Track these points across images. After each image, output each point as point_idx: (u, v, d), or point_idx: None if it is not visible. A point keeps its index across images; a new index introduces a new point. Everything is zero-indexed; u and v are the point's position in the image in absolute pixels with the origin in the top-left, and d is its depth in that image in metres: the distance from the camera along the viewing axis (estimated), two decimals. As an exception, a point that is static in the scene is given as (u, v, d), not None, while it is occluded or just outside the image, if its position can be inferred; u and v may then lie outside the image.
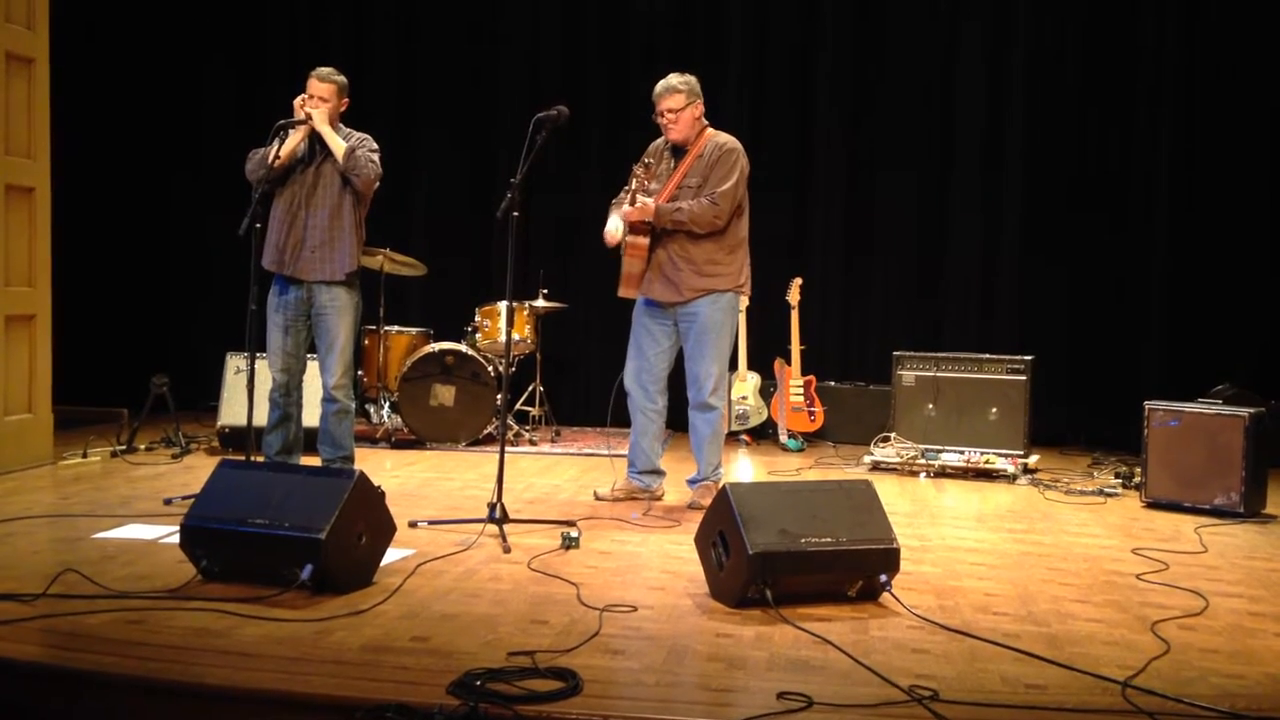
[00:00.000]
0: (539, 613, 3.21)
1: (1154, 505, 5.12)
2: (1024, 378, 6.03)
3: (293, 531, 3.27)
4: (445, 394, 6.39)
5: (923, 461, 5.96)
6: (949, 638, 3.08)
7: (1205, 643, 3.10)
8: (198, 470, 5.31)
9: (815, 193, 7.43)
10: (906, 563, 3.61)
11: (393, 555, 3.69)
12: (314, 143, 4.70)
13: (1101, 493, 5.43)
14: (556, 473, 5.76)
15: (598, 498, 5.01)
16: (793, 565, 3.27)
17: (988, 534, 4.51)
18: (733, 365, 6.29)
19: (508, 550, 3.94)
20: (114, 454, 5.80)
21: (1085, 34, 7.03)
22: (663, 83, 4.81)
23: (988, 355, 6.23)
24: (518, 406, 6.98)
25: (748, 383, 6.94)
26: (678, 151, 4.89)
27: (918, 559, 3.96)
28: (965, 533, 4.52)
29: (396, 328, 6.65)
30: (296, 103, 4.68)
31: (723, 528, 3.35)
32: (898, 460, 6.01)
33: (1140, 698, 2.63)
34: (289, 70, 7.16)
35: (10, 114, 5.35)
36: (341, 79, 4.77)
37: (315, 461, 4.81)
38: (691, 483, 4.97)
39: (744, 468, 6.21)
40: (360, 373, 6.49)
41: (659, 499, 5.00)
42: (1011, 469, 5.81)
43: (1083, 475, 5.96)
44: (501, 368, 6.12)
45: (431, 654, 2.83)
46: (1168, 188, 6.89)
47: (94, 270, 7.26)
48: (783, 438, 6.82)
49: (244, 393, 4.67)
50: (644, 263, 4.80)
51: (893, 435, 6.20)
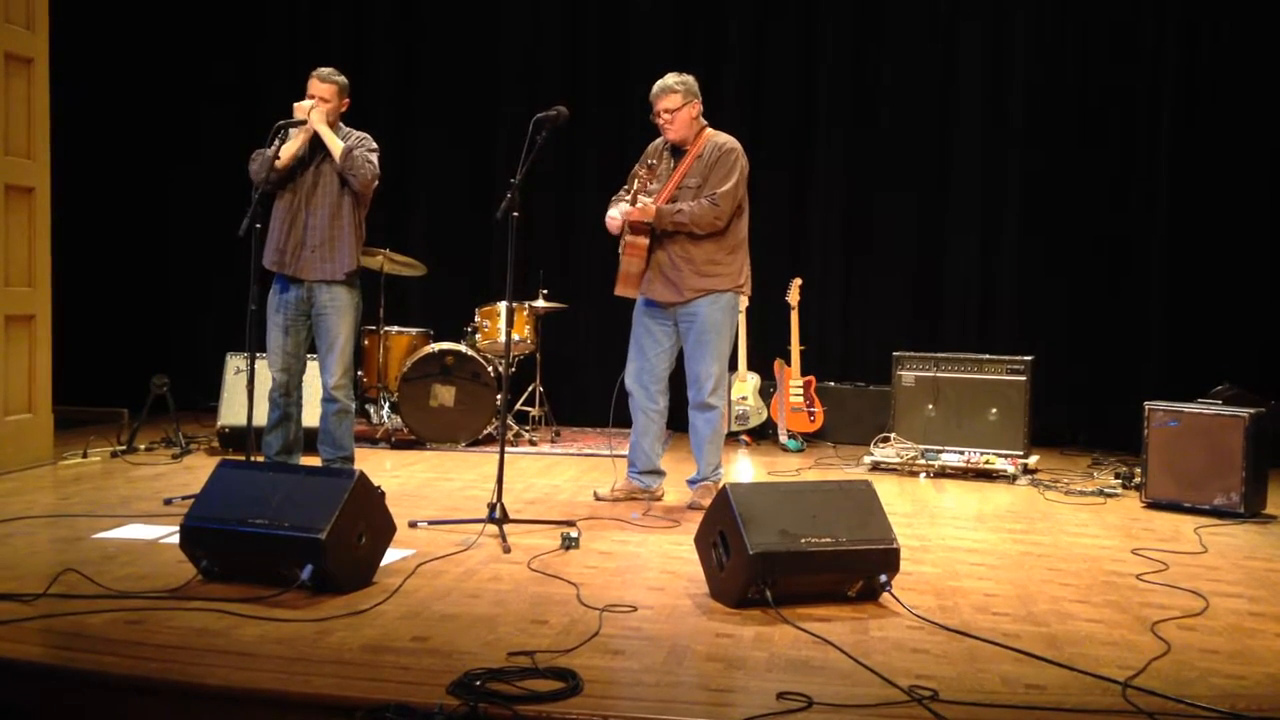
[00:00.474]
0: (539, 613, 3.21)
1: (1154, 506, 5.12)
2: (1024, 378, 6.03)
3: (293, 532, 3.27)
4: (445, 394, 6.39)
5: (922, 462, 5.96)
6: (949, 638, 3.08)
7: (1205, 643, 3.10)
8: (198, 470, 5.31)
9: (815, 192, 7.43)
10: (906, 563, 3.61)
11: (393, 555, 3.69)
12: (314, 143, 4.69)
13: (1101, 493, 5.43)
14: (556, 473, 5.76)
15: (598, 498, 5.01)
16: (793, 565, 3.27)
17: (987, 534, 4.51)
18: (732, 365, 6.28)
19: (508, 550, 3.94)
20: (114, 454, 5.80)
21: (1085, 30, 7.03)
22: (659, 83, 4.81)
23: (987, 356, 6.22)
24: (518, 407, 6.98)
25: (747, 383, 6.94)
26: (676, 152, 4.89)
27: (918, 559, 3.96)
28: (965, 533, 4.52)
29: (396, 328, 6.65)
30: (297, 105, 4.68)
31: (723, 528, 3.35)
32: (897, 461, 6.01)
33: (1140, 698, 2.63)
34: (289, 69, 7.18)
35: (10, 114, 5.35)
36: (342, 79, 4.78)
37: (315, 462, 4.81)
38: (691, 483, 4.97)
39: (744, 468, 6.21)
40: (360, 373, 6.49)
41: (659, 499, 5.00)
42: (1011, 469, 5.81)
43: (1082, 475, 5.96)
44: (501, 368, 6.12)
45: (431, 654, 2.83)
46: (1168, 187, 6.89)
47: (94, 270, 7.27)
48: (782, 438, 6.82)
49: (244, 393, 4.67)
50: (643, 262, 4.80)
51: (892, 436, 6.20)
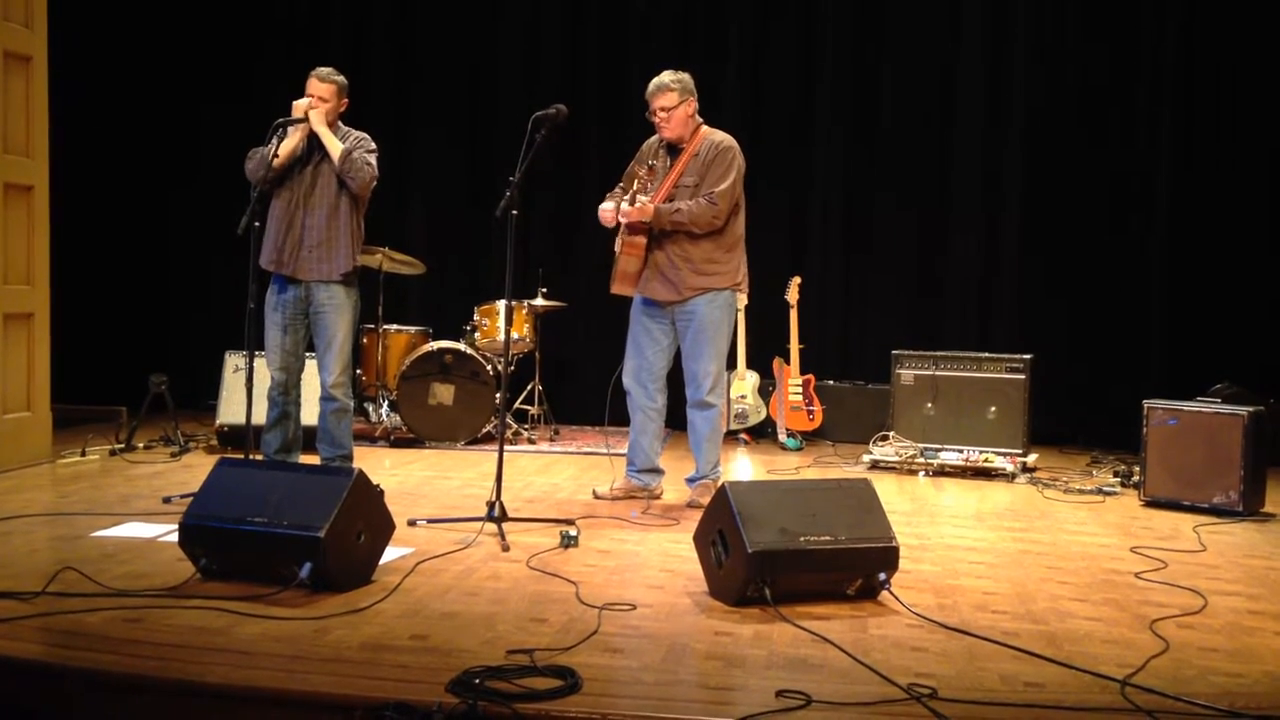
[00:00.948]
0: (538, 611, 3.21)
1: (1153, 504, 5.12)
2: (1023, 376, 6.03)
3: (291, 530, 3.27)
4: (444, 393, 6.38)
5: (921, 460, 5.96)
6: (948, 636, 3.08)
7: (1204, 641, 3.10)
8: (196, 469, 5.31)
9: (814, 191, 7.42)
10: (905, 561, 3.61)
11: (391, 554, 3.68)
12: (312, 142, 4.69)
13: (1100, 491, 5.43)
14: (555, 471, 5.76)
15: (596, 496, 5.00)
16: (792, 564, 3.27)
17: (986, 533, 4.51)
18: (731, 364, 6.28)
19: (507, 549, 3.94)
20: (113, 452, 5.79)
21: (1086, 29, 7.02)
22: (655, 81, 4.80)
23: (987, 354, 6.22)
24: (516, 405, 6.97)
25: (746, 382, 6.94)
26: (673, 150, 4.89)
27: (916, 558, 3.96)
28: (964, 531, 4.52)
29: (395, 326, 6.65)
30: (295, 104, 4.68)
31: (722, 526, 3.35)
32: (896, 459, 6.01)
33: (1139, 696, 2.63)
34: (288, 68, 7.15)
35: (8, 112, 5.35)
36: (341, 79, 4.77)
37: (314, 460, 4.81)
38: (690, 481, 4.97)
39: (743, 466, 6.21)
40: (359, 371, 6.49)
41: (658, 498, 5.00)
42: (1010, 468, 5.81)
43: (1081, 474, 5.96)
44: (500, 366, 6.12)
45: (430, 652, 2.83)
46: (1167, 185, 6.89)
47: (93, 269, 7.26)
48: (781, 437, 6.82)
49: (243, 391, 4.66)
50: (640, 261, 4.80)
51: (891, 434, 6.20)
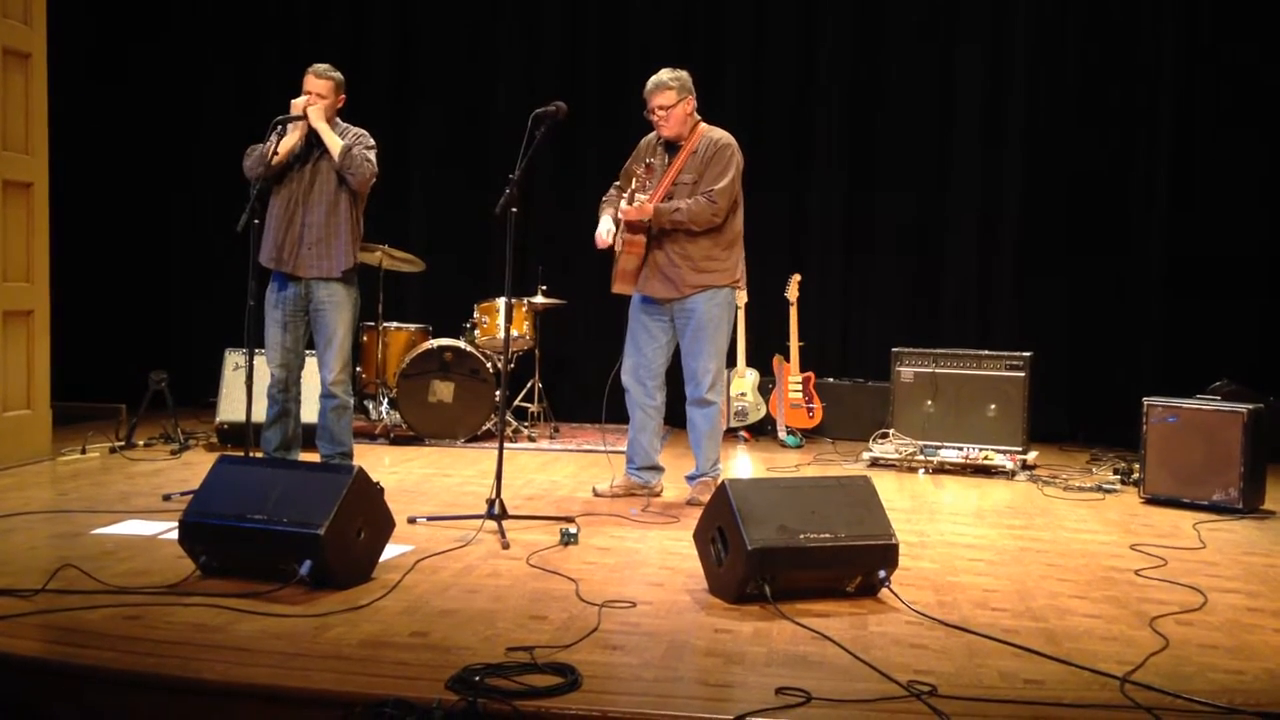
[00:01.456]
0: (538, 608, 3.21)
1: (1152, 501, 5.12)
2: (1023, 374, 6.03)
3: (291, 527, 3.27)
4: (444, 390, 6.38)
5: (921, 458, 5.96)
6: (947, 633, 3.09)
7: (1204, 638, 3.10)
8: (196, 466, 5.31)
9: (815, 188, 7.41)
10: (905, 559, 3.61)
11: (391, 551, 3.69)
12: (311, 139, 4.69)
13: (1100, 489, 5.44)
14: (555, 469, 5.76)
15: (596, 494, 5.00)
16: (791, 561, 3.27)
17: (986, 530, 4.51)
18: (731, 361, 6.28)
19: (506, 546, 3.94)
20: (112, 450, 5.79)
21: (1085, 29, 7.02)
22: (653, 79, 4.80)
23: (986, 352, 6.22)
24: (516, 403, 6.97)
25: (746, 379, 6.93)
26: (671, 148, 4.88)
27: (916, 555, 3.96)
28: (964, 529, 4.53)
29: (395, 324, 6.65)
30: (294, 102, 4.67)
31: (721, 524, 3.35)
32: (896, 456, 6.01)
33: (1139, 693, 2.63)
34: (288, 65, 7.15)
35: (8, 109, 5.35)
36: (338, 75, 4.77)
37: (314, 457, 4.81)
38: (690, 479, 4.97)
39: (743, 464, 6.21)
40: (359, 369, 6.49)
41: (658, 495, 5.00)
42: (1010, 465, 5.80)
43: (1081, 471, 5.96)
44: (500, 364, 6.12)
45: (430, 649, 2.83)
46: (1167, 184, 6.89)
47: (92, 266, 7.27)
48: (781, 434, 6.82)
49: (243, 389, 4.67)
50: (640, 259, 4.79)
51: (891, 431, 6.20)
